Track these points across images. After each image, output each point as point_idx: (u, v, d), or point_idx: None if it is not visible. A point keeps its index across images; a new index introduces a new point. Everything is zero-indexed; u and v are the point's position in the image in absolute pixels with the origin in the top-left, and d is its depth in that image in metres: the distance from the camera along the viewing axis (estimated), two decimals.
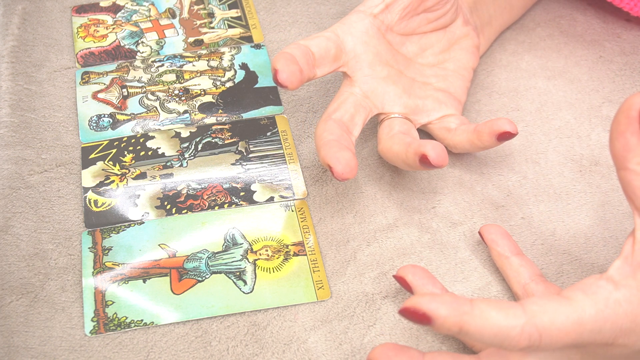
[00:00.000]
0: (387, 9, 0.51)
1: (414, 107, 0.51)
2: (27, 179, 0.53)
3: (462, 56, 0.54)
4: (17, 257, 0.49)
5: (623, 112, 0.38)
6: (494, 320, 0.35)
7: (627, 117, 0.37)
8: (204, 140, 0.55)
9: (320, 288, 0.47)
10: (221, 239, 0.50)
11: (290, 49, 0.47)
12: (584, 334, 0.36)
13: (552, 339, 0.36)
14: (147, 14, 0.64)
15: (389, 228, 0.50)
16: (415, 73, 0.53)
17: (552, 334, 0.36)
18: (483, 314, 0.35)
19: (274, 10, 0.64)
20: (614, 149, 0.39)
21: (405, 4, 0.51)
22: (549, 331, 0.36)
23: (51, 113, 0.57)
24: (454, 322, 0.35)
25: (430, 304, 0.35)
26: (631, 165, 0.38)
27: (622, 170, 0.39)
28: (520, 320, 0.35)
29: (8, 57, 0.60)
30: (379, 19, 0.51)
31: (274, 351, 0.45)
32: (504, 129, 0.49)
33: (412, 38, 0.53)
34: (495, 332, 0.35)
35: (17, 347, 0.45)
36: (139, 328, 0.46)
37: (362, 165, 0.53)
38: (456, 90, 0.53)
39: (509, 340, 0.35)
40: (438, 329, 0.35)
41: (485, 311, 0.35)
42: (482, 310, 0.35)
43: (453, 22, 0.54)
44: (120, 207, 0.51)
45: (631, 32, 0.61)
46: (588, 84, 0.58)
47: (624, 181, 0.39)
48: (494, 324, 0.35)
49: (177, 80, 0.58)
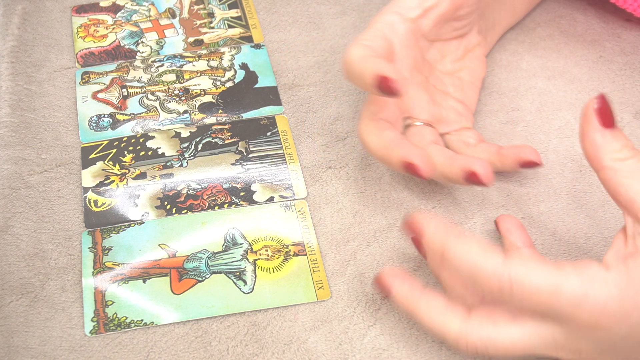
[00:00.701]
0: (424, 15, 0.50)
1: (438, 117, 0.51)
2: (27, 179, 0.53)
3: (475, 65, 0.54)
4: (17, 257, 0.49)
5: (583, 115, 0.40)
6: (473, 254, 0.38)
7: (586, 117, 0.39)
8: (204, 140, 0.55)
9: (320, 288, 0.47)
10: (221, 239, 0.50)
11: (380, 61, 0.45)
12: (561, 302, 0.37)
13: (524, 293, 0.37)
14: (147, 14, 0.64)
15: (389, 228, 0.50)
16: (436, 81, 0.53)
17: (524, 289, 0.37)
18: (466, 245, 0.38)
19: (274, 10, 0.64)
20: (586, 152, 0.40)
21: (442, 11, 0.50)
22: (521, 284, 0.37)
23: (51, 113, 0.57)
24: (439, 241, 0.39)
25: (425, 220, 0.40)
26: (605, 162, 0.39)
27: (599, 172, 0.40)
28: (497, 262, 0.37)
29: (8, 57, 0.60)
30: (415, 23, 0.49)
31: (274, 351, 0.45)
32: (529, 158, 0.49)
33: (435, 44, 0.52)
34: (471, 266, 0.38)
35: (17, 347, 0.45)
36: (139, 328, 0.46)
37: (362, 165, 0.53)
38: (470, 102, 0.53)
39: (481, 278, 0.38)
40: (426, 246, 0.40)
41: (469, 244, 0.38)
42: (467, 242, 0.38)
43: (471, 30, 0.54)
44: (120, 207, 0.51)
45: (631, 32, 0.61)
46: (588, 84, 0.58)
47: (604, 181, 0.40)
48: (472, 257, 0.38)
49: (177, 80, 0.58)
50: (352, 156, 0.54)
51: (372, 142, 0.47)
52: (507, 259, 0.38)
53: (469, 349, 0.40)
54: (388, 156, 0.46)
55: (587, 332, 0.37)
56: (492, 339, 0.39)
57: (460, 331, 0.40)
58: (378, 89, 0.44)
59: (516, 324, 0.39)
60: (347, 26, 0.62)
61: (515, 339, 0.39)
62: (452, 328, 0.40)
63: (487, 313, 0.40)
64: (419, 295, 0.41)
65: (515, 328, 0.39)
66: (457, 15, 0.51)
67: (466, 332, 0.40)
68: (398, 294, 0.42)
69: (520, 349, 0.39)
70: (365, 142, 0.48)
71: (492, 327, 0.40)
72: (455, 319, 0.40)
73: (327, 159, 0.54)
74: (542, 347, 0.39)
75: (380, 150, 0.47)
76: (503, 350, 0.40)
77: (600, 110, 0.39)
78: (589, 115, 0.39)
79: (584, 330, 0.37)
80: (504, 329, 0.39)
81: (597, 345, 0.38)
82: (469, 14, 0.52)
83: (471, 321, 0.40)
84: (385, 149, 0.46)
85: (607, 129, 0.39)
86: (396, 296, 0.42)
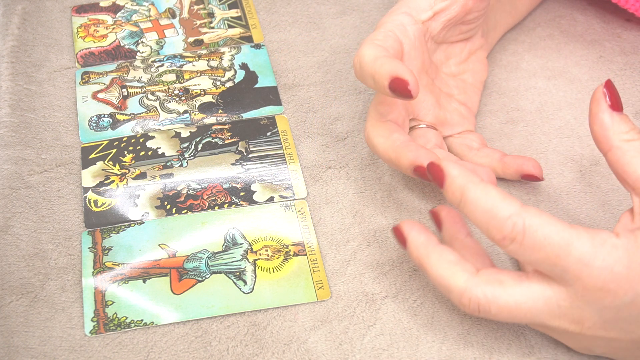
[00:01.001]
0: (434, 18, 0.49)
1: (442, 119, 0.51)
2: (27, 179, 0.53)
3: (478, 68, 0.54)
4: (17, 257, 0.49)
5: (592, 98, 0.41)
6: (492, 197, 0.38)
7: (595, 99, 0.40)
8: (204, 140, 0.55)
9: (320, 288, 0.47)
10: (221, 239, 0.50)
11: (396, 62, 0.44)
12: (569, 259, 0.37)
13: (535, 243, 0.37)
14: (147, 14, 0.64)
15: (389, 228, 0.50)
16: (441, 83, 0.52)
17: (536, 238, 0.37)
18: (486, 189, 0.39)
19: (274, 10, 0.64)
20: (594, 134, 0.41)
21: (452, 15, 0.50)
22: (534, 233, 0.37)
23: (51, 113, 0.57)
24: (460, 186, 0.39)
25: (448, 165, 0.40)
26: (614, 142, 0.40)
27: (608, 153, 0.40)
28: (514, 209, 0.38)
29: (8, 57, 0.60)
30: (425, 25, 0.49)
31: (274, 351, 0.45)
32: (531, 172, 0.50)
33: (441, 46, 0.52)
34: (488, 208, 0.38)
35: (17, 347, 0.45)
36: (139, 328, 0.46)
37: (362, 165, 0.53)
38: (473, 105, 0.53)
39: (495, 222, 0.38)
40: (446, 191, 0.40)
41: (489, 188, 0.39)
42: (487, 187, 0.39)
43: (477, 34, 0.54)
44: (120, 207, 0.51)
45: (631, 32, 0.61)
46: (588, 84, 0.58)
47: (612, 162, 0.40)
48: (490, 200, 0.38)
49: (177, 80, 0.58)
50: (352, 156, 0.54)
51: (381, 144, 0.47)
52: (525, 207, 0.38)
53: (471, 305, 0.40)
54: (397, 159, 0.46)
55: (592, 297, 0.38)
56: (496, 298, 0.39)
57: (466, 286, 0.40)
58: (392, 91, 0.44)
59: (522, 285, 0.39)
60: (347, 26, 0.62)
61: (519, 301, 0.39)
62: (458, 281, 0.40)
63: (495, 273, 0.40)
64: (432, 247, 0.41)
65: (521, 289, 0.39)
66: (465, 19, 0.51)
67: (471, 287, 0.39)
68: (412, 243, 0.42)
69: (523, 312, 0.39)
70: (373, 144, 0.47)
71: (498, 285, 0.39)
72: (463, 273, 0.40)
73: (327, 159, 0.54)
74: (545, 312, 0.39)
75: (388, 153, 0.46)
76: (506, 311, 0.39)
77: (609, 94, 0.40)
78: (598, 98, 0.40)
79: (589, 294, 0.38)
80: (509, 289, 0.39)
81: (601, 314, 0.38)
82: (477, 18, 0.52)
83: (478, 277, 0.40)
84: (394, 151, 0.46)
85: (615, 111, 0.40)
86: (410, 245, 0.42)
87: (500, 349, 0.44)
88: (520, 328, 0.45)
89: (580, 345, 0.41)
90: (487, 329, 0.45)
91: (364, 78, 0.46)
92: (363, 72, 0.45)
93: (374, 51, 0.45)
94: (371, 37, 0.47)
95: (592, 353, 0.42)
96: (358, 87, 0.58)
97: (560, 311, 0.39)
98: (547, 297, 0.39)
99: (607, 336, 0.39)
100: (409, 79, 0.43)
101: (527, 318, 0.40)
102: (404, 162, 0.45)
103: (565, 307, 0.39)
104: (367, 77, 0.45)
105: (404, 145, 0.46)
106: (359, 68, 0.46)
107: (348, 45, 0.61)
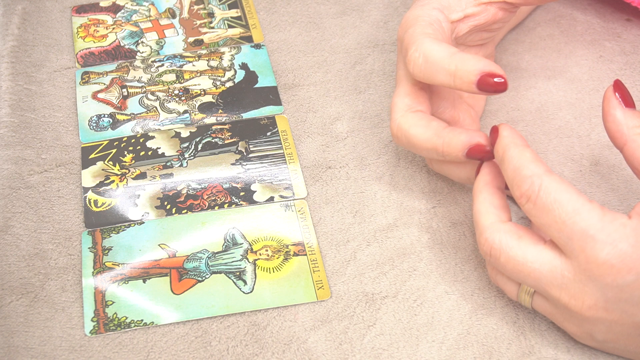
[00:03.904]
0: (463, 20, 0.49)
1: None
2: (27, 179, 0.53)
3: None
4: (17, 257, 0.49)
5: (604, 97, 0.42)
6: (523, 158, 0.41)
7: (607, 98, 0.42)
8: (204, 140, 0.55)
9: (320, 288, 0.47)
10: (221, 239, 0.50)
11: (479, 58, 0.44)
12: (575, 229, 0.38)
13: (546, 204, 0.39)
14: (147, 14, 0.64)
15: (389, 228, 0.50)
16: None
17: (548, 200, 0.39)
18: (521, 151, 0.41)
19: (274, 10, 0.64)
20: (608, 131, 0.42)
21: (480, 21, 0.49)
22: (547, 195, 0.39)
23: (51, 113, 0.57)
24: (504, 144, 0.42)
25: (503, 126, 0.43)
26: (629, 136, 0.41)
27: (623, 148, 0.42)
28: (537, 170, 0.40)
29: (8, 57, 0.60)
30: (453, 26, 0.49)
31: (274, 351, 0.45)
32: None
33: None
34: (516, 167, 0.41)
35: (17, 347, 0.45)
36: (139, 328, 0.46)
37: (362, 165, 0.53)
38: (479, 109, 0.54)
39: (518, 179, 0.41)
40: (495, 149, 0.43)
41: (525, 151, 0.41)
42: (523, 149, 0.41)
43: (492, 41, 0.54)
44: (120, 207, 0.51)
45: (631, 32, 0.61)
46: (588, 84, 0.58)
47: (628, 156, 0.42)
48: (520, 160, 0.41)
49: (177, 80, 0.58)
50: (352, 156, 0.54)
51: (421, 134, 0.46)
52: (549, 172, 0.40)
53: (485, 246, 0.42)
54: (445, 144, 0.45)
55: (595, 272, 0.38)
56: (509, 248, 0.41)
57: (490, 227, 0.42)
58: (480, 86, 0.43)
59: (537, 247, 0.41)
60: (347, 26, 0.62)
61: (528, 259, 0.40)
62: (486, 220, 0.42)
63: (519, 229, 0.42)
64: (488, 187, 0.44)
65: (534, 249, 0.40)
66: (490, 27, 0.51)
67: (493, 230, 0.42)
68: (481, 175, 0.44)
69: (528, 271, 0.41)
70: (410, 134, 0.46)
71: (516, 239, 0.41)
72: (494, 216, 0.42)
73: (327, 159, 0.54)
74: (549, 278, 0.40)
75: (432, 140, 0.46)
76: (513, 264, 0.41)
77: (619, 93, 0.42)
78: (609, 96, 0.42)
79: (592, 268, 0.38)
80: (524, 246, 0.41)
81: (603, 292, 0.38)
82: (499, 28, 0.52)
83: (503, 225, 0.42)
84: (439, 137, 0.45)
85: (627, 107, 0.42)
86: (479, 178, 0.44)
87: (500, 349, 0.44)
88: (520, 328, 0.45)
89: (582, 330, 0.41)
90: (487, 329, 0.45)
91: (432, 74, 0.45)
92: (433, 67, 0.45)
93: (441, 46, 0.45)
94: (421, 30, 0.46)
95: (593, 341, 0.42)
96: (358, 87, 0.58)
97: (563, 282, 0.40)
98: (554, 265, 0.40)
99: (609, 318, 0.39)
100: (500, 72, 0.43)
101: (531, 278, 0.41)
102: (456, 144, 0.45)
103: (568, 278, 0.39)
104: (440, 73, 0.44)
105: (451, 129, 0.45)
106: (425, 63, 0.45)
107: (348, 45, 0.61)
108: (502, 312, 0.46)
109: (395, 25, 0.62)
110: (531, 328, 0.45)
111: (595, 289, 0.39)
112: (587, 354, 0.44)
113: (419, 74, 0.45)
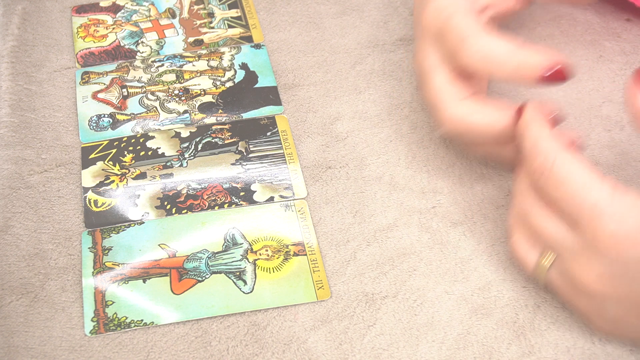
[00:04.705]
0: (484, 11, 0.49)
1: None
2: (27, 179, 0.53)
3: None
4: (17, 257, 0.49)
5: (626, 87, 0.42)
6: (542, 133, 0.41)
7: (629, 86, 0.41)
8: (204, 140, 0.55)
9: (320, 288, 0.47)
10: (221, 239, 0.50)
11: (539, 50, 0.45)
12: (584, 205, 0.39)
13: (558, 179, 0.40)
14: (147, 14, 0.64)
15: (389, 228, 0.50)
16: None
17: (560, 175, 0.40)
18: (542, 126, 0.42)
19: (274, 10, 0.64)
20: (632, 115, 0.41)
21: (498, 11, 0.50)
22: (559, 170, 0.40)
23: (51, 113, 0.57)
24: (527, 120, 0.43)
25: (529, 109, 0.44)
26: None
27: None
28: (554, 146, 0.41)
29: (8, 57, 0.60)
30: (477, 16, 0.48)
31: (274, 351, 0.45)
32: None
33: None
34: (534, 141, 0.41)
35: (17, 347, 0.45)
36: (139, 328, 0.46)
37: (362, 165, 0.53)
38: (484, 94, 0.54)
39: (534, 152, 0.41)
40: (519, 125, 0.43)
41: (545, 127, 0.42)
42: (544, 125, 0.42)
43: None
44: (120, 207, 0.51)
45: (631, 32, 0.61)
46: (588, 83, 0.58)
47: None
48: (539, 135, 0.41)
49: (177, 80, 0.58)
50: (352, 156, 0.54)
51: (482, 119, 0.46)
52: (565, 149, 0.40)
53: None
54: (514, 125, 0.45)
55: (600, 246, 0.38)
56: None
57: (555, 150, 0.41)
58: (543, 81, 0.44)
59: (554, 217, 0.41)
60: (347, 26, 0.62)
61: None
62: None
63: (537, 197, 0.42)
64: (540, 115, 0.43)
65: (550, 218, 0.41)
66: (502, 19, 0.51)
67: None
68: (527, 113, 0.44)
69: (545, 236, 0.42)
70: (471, 122, 0.46)
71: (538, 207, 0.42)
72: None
73: (327, 159, 0.54)
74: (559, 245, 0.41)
75: (496, 124, 0.45)
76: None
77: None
78: (630, 85, 0.41)
79: (598, 243, 0.38)
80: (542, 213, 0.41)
81: (609, 267, 0.38)
82: (510, 19, 0.53)
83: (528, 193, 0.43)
84: (503, 118, 0.45)
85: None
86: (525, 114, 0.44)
87: (500, 349, 0.44)
88: (520, 328, 0.45)
89: (592, 306, 0.41)
90: (487, 329, 0.45)
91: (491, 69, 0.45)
92: (494, 63, 0.45)
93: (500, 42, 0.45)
94: (468, 21, 0.46)
95: (604, 321, 0.42)
96: (358, 87, 0.58)
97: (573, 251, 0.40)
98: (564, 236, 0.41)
99: (616, 293, 0.39)
100: (566, 62, 0.44)
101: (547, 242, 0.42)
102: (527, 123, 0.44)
103: (576, 250, 0.40)
104: (501, 69, 0.44)
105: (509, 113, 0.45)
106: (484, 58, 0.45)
107: (348, 45, 0.61)
108: (502, 312, 0.46)
109: (395, 25, 0.62)
110: (531, 328, 0.45)
111: (600, 263, 0.39)
112: (587, 354, 0.44)
113: (478, 68, 0.45)
